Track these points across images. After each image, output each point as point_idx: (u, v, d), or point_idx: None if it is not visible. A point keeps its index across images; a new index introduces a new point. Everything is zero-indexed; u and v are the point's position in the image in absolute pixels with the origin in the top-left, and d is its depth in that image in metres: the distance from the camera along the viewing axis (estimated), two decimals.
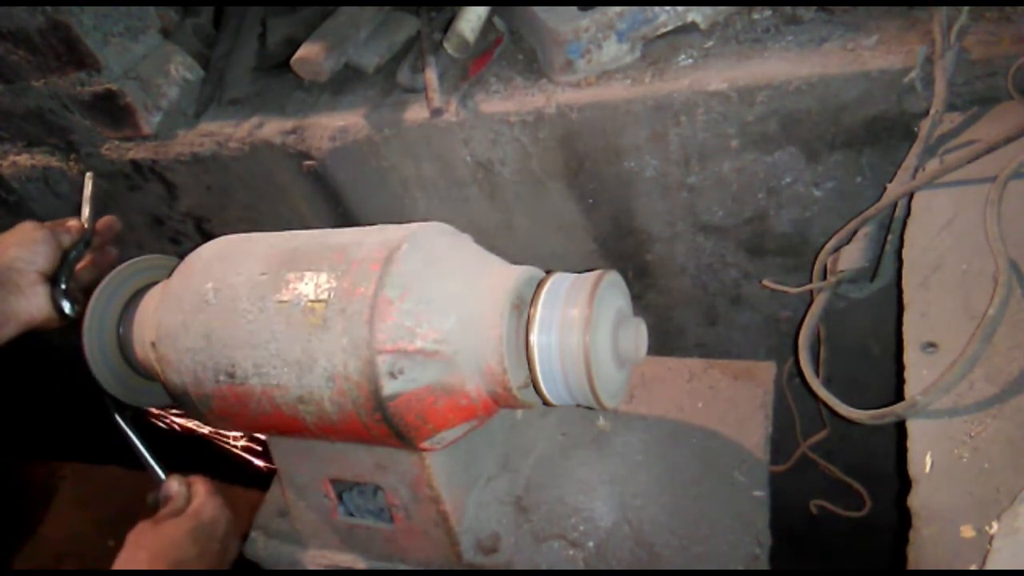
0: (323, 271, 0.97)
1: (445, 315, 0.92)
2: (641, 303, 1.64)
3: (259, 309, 0.98)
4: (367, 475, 1.13)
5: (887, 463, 1.56)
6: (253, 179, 1.66)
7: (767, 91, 1.16)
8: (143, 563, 1.00)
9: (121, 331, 1.17)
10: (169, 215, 1.89)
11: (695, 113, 1.22)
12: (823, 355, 1.28)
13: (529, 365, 0.91)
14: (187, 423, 2.34)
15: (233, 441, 2.42)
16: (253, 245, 1.08)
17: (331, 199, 1.64)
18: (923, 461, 0.76)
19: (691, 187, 1.34)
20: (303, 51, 1.46)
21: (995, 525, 0.67)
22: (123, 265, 1.20)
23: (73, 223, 1.20)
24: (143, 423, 1.75)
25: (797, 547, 2.03)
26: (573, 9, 1.23)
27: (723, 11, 1.24)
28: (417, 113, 1.40)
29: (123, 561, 1.01)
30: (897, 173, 1.06)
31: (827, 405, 0.97)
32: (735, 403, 1.24)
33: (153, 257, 1.24)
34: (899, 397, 0.81)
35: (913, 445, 0.78)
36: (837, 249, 1.16)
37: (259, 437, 2.21)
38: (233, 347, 0.99)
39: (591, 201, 1.44)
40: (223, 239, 1.13)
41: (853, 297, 1.18)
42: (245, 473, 2.34)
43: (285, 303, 0.97)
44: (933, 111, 1.03)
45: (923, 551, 0.71)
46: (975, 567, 0.66)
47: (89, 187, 1.24)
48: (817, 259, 1.19)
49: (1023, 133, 0.93)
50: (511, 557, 1.13)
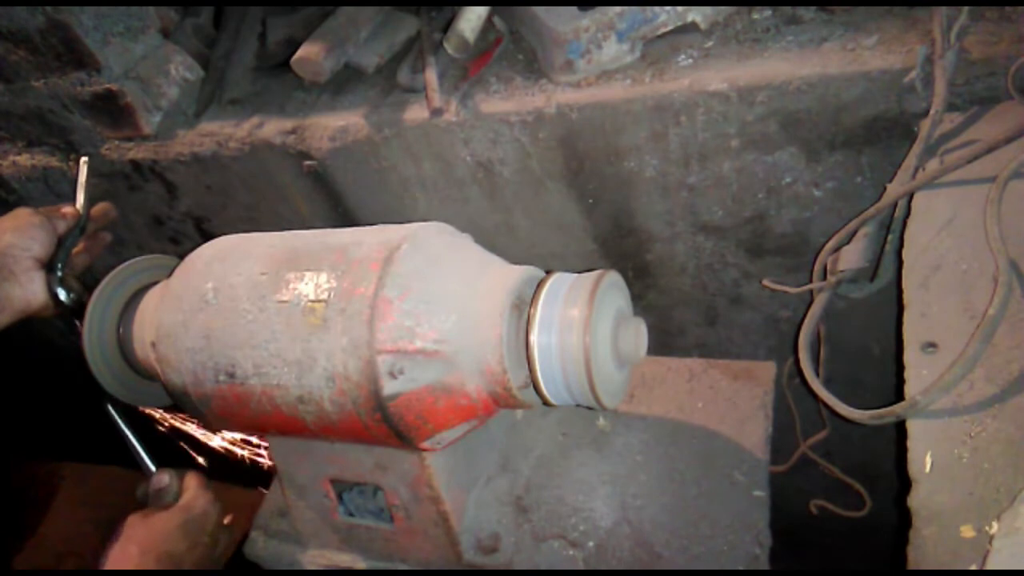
0: (323, 271, 0.97)
1: (445, 315, 0.92)
2: (641, 303, 1.64)
3: (259, 309, 0.98)
4: (367, 475, 1.13)
5: (887, 463, 1.56)
6: (253, 179, 1.66)
7: (767, 91, 1.16)
8: (134, 557, 1.00)
9: (121, 331, 1.17)
10: (169, 215, 1.89)
11: (695, 113, 1.22)
12: (823, 355, 1.28)
13: (529, 365, 0.91)
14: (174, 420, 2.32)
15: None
16: (253, 245, 1.08)
17: (331, 199, 1.64)
18: (923, 461, 0.75)
19: (691, 187, 1.34)
20: (303, 51, 1.46)
21: (995, 525, 0.67)
22: (123, 265, 1.20)
23: (68, 209, 1.19)
24: (136, 416, 1.74)
25: (797, 547, 2.03)
26: (573, 9, 1.23)
27: (723, 11, 1.24)
28: (417, 113, 1.40)
29: (114, 555, 1.00)
30: (897, 173, 1.06)
31: (827, 405, 0.97)
32: (735, 403, 1.24)
33: (153, 257, 1.24)
34: (899, 397, 0.81)
35: (913, 445, 0.78)
36: (837, 249, 1.16)
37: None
38: (233, 347, 0.99)
39: (591, 201, 1.44)
40: (223, 239, 1.13)
41: (853, 297, 1.18)
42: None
43: (285, 303, 0.97)
44: (933, 111, 1.03)
45: (923, 551, 0.71)
46: (975, 567, 0.66)
47: (84, 172, 1.23)
48: (817, 259, 1.19)
49: (1023, 133, 0.93)
50: (511, 557, 1.13)
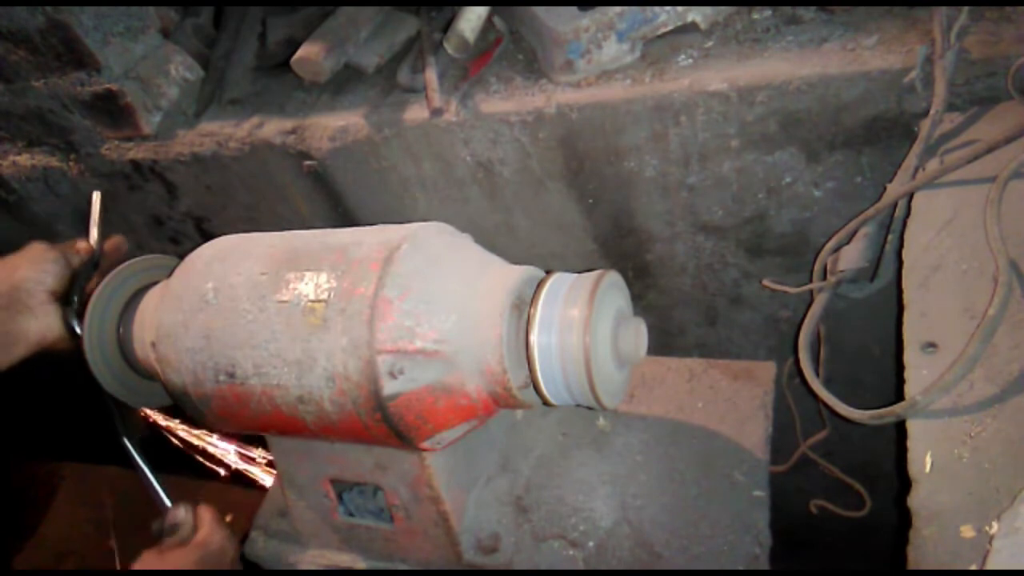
0: (323, 271, 0.97)
1: (445, 315, 0.92)
2: (641, 303, 1.64)
3: (259, 309, 0.98)
4: (367, 475, 1.13)
5: (887, 463, 1.56)
6: (253, 179, 1.66)
7: (767, 91, 1.16)
8: None
9: (121, 331, 1.17)
10: (169, 215, 1.89)
11: (695, 113, 1.22)
12: (823, 355, 1.28)
13: (529, 365, 0.91)
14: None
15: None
16: (253, 245, 1.08)
17: (331, 199, 1.64)
18: (923, 461, 0.75)
19: (691, 187, 1.34)
20: (303, 51, 1.46)
21: (995, 525, 0.67)
22: (123, 265, 1.20)
23: (82, 244, 1.21)
24: (151, 447, 1.74)
25: (797, 547, 2.03)
26: (573, 9, 1.23)
27: (723, 11, 1.24)
28: (417, 113, 1.40)
29: None
30: (897, 173, 1.06)
31: (827, 405, 0.97)
32: (735, 403, 1.24)
33: (153, 257, 1.24)
34: (899, 397, 0.81)
35: (913, 445, 0.78)
36: (837, 249, 1.16)
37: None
38: (233, 347, 0.99)
39: (591, 201, 1.44)
40: (223, 239, 1.13)
41: (853, 297, 1.18)
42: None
43: (285, 303, 0.96)
44: (933, 111, 1.03)
45: (923, 551, 0.71)
46: (975, 567, 0.66)
47: (97, 208, 1.24)
48: (817, 259, 1.19)
49: (1023, 133, 0.93)
50: (511, 557, 1.13)
